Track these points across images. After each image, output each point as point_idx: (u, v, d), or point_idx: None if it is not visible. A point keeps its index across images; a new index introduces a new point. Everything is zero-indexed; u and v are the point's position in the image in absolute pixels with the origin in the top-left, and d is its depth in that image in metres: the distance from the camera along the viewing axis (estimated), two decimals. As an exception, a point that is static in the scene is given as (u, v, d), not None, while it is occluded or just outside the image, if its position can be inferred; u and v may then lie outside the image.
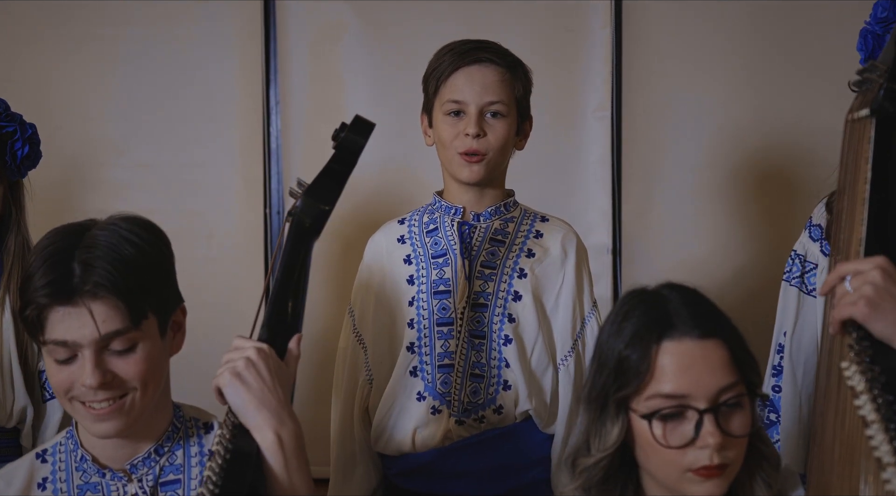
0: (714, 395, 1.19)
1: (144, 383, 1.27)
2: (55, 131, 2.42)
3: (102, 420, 1.26)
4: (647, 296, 1.26)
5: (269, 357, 1.22)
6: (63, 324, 1.24)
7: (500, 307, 1.75)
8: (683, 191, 2.46)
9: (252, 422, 1.21)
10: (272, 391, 1.20)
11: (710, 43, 2.45)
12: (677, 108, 2.45)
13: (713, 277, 2.42)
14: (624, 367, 1.21)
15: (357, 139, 1.31)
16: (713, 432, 1.18)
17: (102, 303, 1.23)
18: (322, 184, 1.29)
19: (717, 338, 1.21)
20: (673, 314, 1.21)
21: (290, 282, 1.26)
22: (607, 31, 2.42)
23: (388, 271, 1.80)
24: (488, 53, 1.76)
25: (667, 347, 1.20)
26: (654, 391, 1.20)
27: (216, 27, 2.45)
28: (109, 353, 1.26)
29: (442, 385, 1.74)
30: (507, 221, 1.80)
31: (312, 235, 1.28)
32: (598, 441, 1.23)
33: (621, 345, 1.22)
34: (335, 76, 2.45)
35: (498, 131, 1.74)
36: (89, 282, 1.22)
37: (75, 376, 1.26)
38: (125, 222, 1.28)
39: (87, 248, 1.24)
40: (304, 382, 2.43)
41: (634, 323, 1.22)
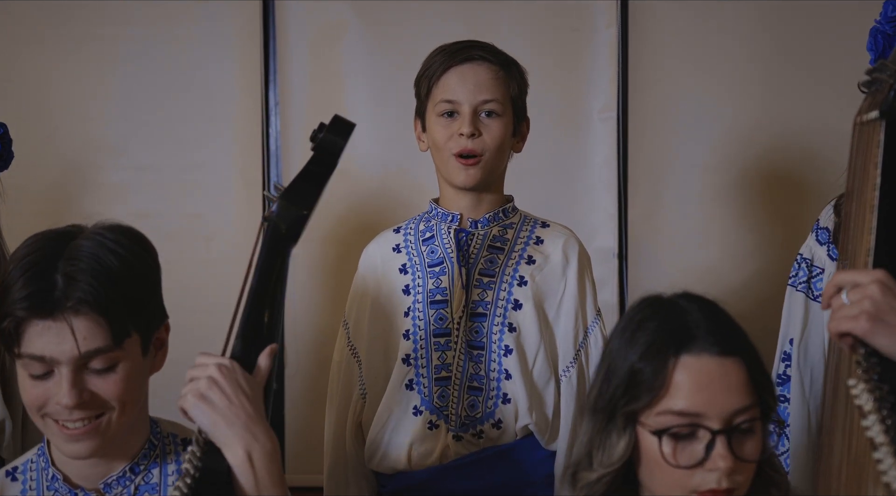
0: (729, 417, 1.15)
1: (122, 403, 1.22)
2: (53, 132, 2.41)
3: (76, 440, 1.21)
4: (664, 305, 1.20)
5: (232, 372, 1.16)
6: (41, 338, 1.18)
7: (500, 316, 1.70)
8: (691, 193, 2.42)
9: (221, 440, 1.16)
10: (240, 407, 1.14)
11: (719, 42, 2.41)
12: (685, 108, 2.41)
13: (722, 282, 2.38)
14: (637, 380, 1.16)
15: (336, 140, 1.25)
16: (725, 455, 1.13)
17: (84, 320, 1.18)
18: (299, 187, 1.23)
19: (737, 357, 1.16)
20: (693, 327, 1.16)
21: (265, 292, 1.21)
22: (613, 31, 2.38)
23: (384, 282, 1.76)
24: (481, 51, 1.71)
25: (684, 362, 1.15)
26: (667, 407, 1.15)
27: (215, 27, 2.42)
28: (88, 372, 1.21)
29: (439, 398, 1.69)
30: (506, 228, 1.75)
31: (289, 241, 1.23)
32: (603, 454, 1.19)
33: (635, 357, 1.17)
34: (335, 76, 2.42)
35: (493, 131, 1.69)
36: (72, 297, 1.17)
37: (50, 393, 1.20)
38: (111, 232, 1.23)
39: (71, 260, 1.18)
40: (300, 390, 2.41)
41: (650, 333, 1.17)
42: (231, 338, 1.20)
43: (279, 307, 1.22)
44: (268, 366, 1.20)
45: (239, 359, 1.19)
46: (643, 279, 2.41)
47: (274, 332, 1.22)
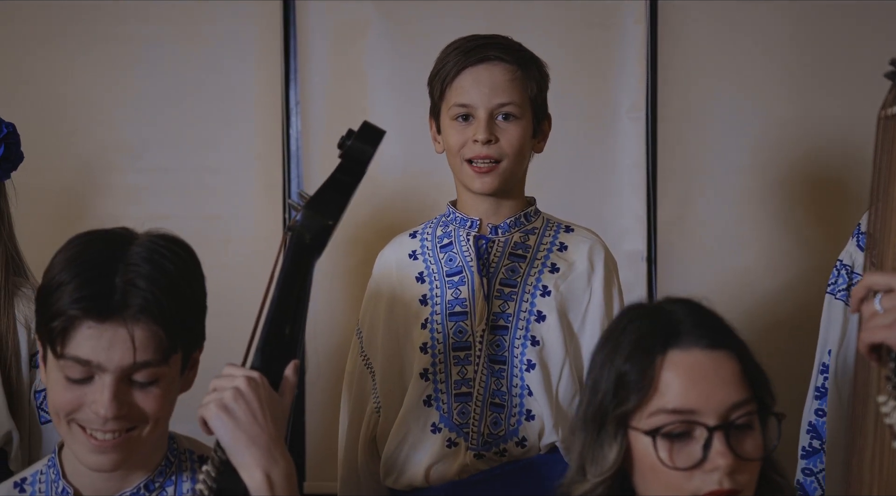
0: (725, 412, 1.10)
1: (156, 420, 1.19)
2: (71, 133, 2.38)
3: (102, 451, 1.17)
4: (647, 309, 1.17)
5: (260, 387, 1.11)
6: (90, 342, 1.14)
7: (522, 329, 1.62)
8: (723, 195, 2.37)
9: (240, 460, 1.10)
10: (262, 426, 1.10)
11: (752, 39, 2.35)
12: (717, 107, 2.35)
13: (757, 287, 2.33)
14: (623, 382, 1.11)
15: (365, 148, 1.21)
16: (724, 452, 1.08)
17: (142, 329, 1.14)
18: (325, 196, 1.19)
19: (727, 349, 1.12)
20: (678, 323, 1.12)
21: (288, 304, 1.16)
22: (642, 27, 2.33)
23: (399, 290, 1.68)
24: (496, 50, 1.63)
25: (672, 358, 1.10)
26: (659, 406, 1.10)
27: (234, 26, 2.38)
28: (129, 383, 1.17)
29: (459, 415, 1.62)
30: (528, 233, 1.67)
31: (313, 252, 1.18)
32: (595, 466, 1.13)
33: (620, 360, 1.12)
34: (357, 76, 2.38)
35: (511, 135, 1.61)
36: (133, 303, 1.13)
37: (86, 400, 1.16)
38: (167, 241, 1.19)
39: (132, 265, 1.15)
40: (321, 397, 2.38)
41: (634, 334, 1.13)
42: (250, 351, 1.16)
43: (301, 321, 1.18)
44: (294, 384, 1.16)
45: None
46: (673, 283, 2.37)
47: (294, 347, 1.17)
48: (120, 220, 2.38)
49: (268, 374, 1.15)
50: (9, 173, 1.72)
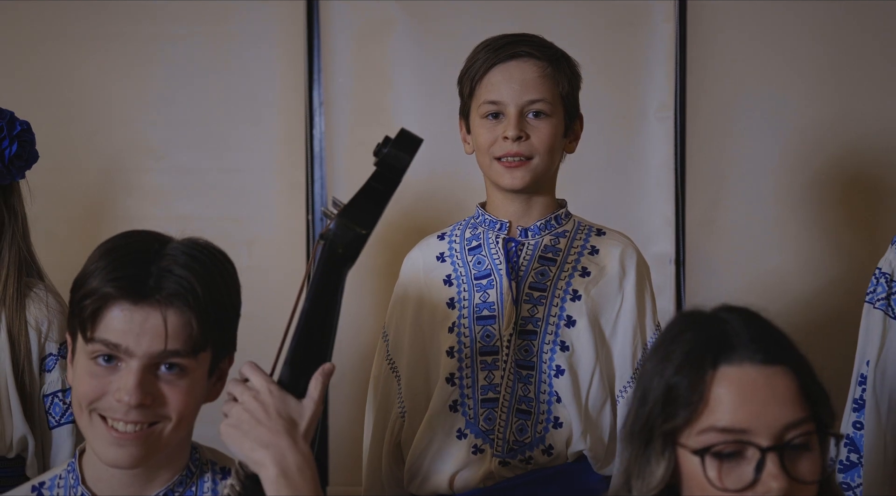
0: (779, 432, 1.04)
1: (180, 417, 1.18)
2: (93, 134, 2.37)
3: (121, 445, 1.16)
4: (701, 317, 1.11)
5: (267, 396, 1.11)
6: (122, 325, 1.14)
7: (551, 334, 1.58)
8: (755, 197, 2.33)
9: (255, 463, 1.11)
10: (268, 426, 1.10)
11: (783, 37, 2.32)
12: (747, 107, 2.32)
13: (790, 294, 2.30)
14: (672, 396, 1.07)
15: (402, 156, 1.18)
16: (777, 475, 1.02)
17: (175, 315, 1.14)
18: (360, 205, 1.16)
19: (784, 365, 1.06)
20: (732, 336, 1.07)
21: (318, 315, 1.14)
22: (671, 26, 2.30)
23: (426, 293, 1.64)
24: (527, 47, 1.60)
25: (724, 373, 1.06)
26: (709, 424, 1.05)
27: (258, 26, 2.37)
28: (155, 374, 1.16)
29: (485, 421, 1.58)
30: (559, 236, 1.64)
31: (346, 263, 1.16)
32: (641, 482, 1.08)
33: (670, 372, 1.07)
34: (382, 76, 2.36)
35: (542, 133, 1.59)
36: (169, 287, 1.14)
37: (109, 388, 1.15)
38: (208, 246, 1.21)
39: (170, 257, 1.16)
40: (345, 400, 2.36)
41: (685, 345, 1.08)
42: (278, 364, 1.15)
43: (331, 333, 1.16)
44: (320, 390, 1.14)
45: (286, 386, 1.13)
46: (702, 287, 2.33)
47: (324, 360, 1.15)
48: (142, 221, 2.41)
49: (296, 387, 1.13)
50: (22, 172, 1.70)
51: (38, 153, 1.73)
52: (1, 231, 1.67)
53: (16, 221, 1.68)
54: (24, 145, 1.68)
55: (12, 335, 1.64)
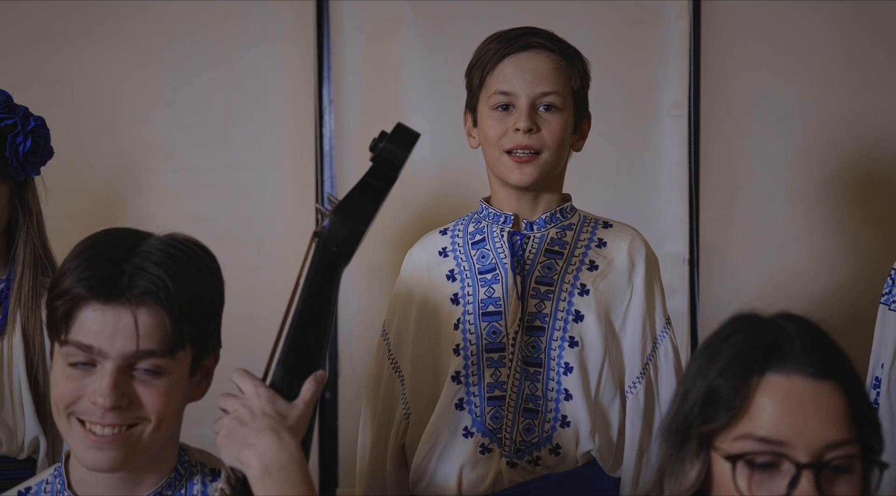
0: (820, 450, 1.00)
1: (160, 419, 1.14)
2: (102, 133, 2.35)
3: (100, 448, 1.13)
4: (756, 320, 1.07)
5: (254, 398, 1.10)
6: (94, 326, 1.11)
7: (560, 330, 1.54)
8: (769, 195, 2.30)
9: (241, 464, 1.08)
10: (251, 427, 1.08)
11: (799, 34, 2.29)
12: (762, 105, 2.29)
13: (805, 293, 2.27)
14: (714, 398, 1.03)
15: (398, 151, 1.16)
16: (811, 494, 0.98)
17: (147, 314, 1.11)
18: (355, 201, 1.14)
19: (835, 381, 1.02)
20: (785, 344, 1.03)
21: (312, 314, 1.11)
22: (684, 23, 2.28)
23: (429, 289, 1.60)
24: (540, 38, 1.57)
25: (771, 381, 1.02)
26: (747, 431, 1.01)
27: (267, 23, 2.35)
28: (131, 375, 1.13)
29: (492, 420, 1.54)
30: (565, 230, 1.60)
31: (341, 261, 1.13)
32: (673, 482, 1.05)
33: (714, 372, 1.04)
34: (391, 74, 2.34)
35: (553, 126, 1.54)
36: (140, 285, 1.11)
37: (85, 390, 1.12)
38: (188, 241, 1.18)
39: (144, 254, 1.13)
40: (354, 399, 2.32)
41: (734, 347, 1.04)
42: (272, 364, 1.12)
43: (326, 333, 1.13)
44: (312, 393, 1.12)
45: (279, 388, 1.11)
46: (716, 287, 2.31)
47: (319, 360, 1.12)
48: (152, 220, 2.38)
49: (290, 389, 1.11)
50: (37, 168, 1.68)
51: (52, 149, 1.70)
52: (16, 228, 1.65)
53: (31, 219, 1.66)
54: (39, 141, 1.65)
55: (27, 334, 1.63)
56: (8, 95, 1.66)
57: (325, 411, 2.39)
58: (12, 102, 1.66)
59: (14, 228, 1.66)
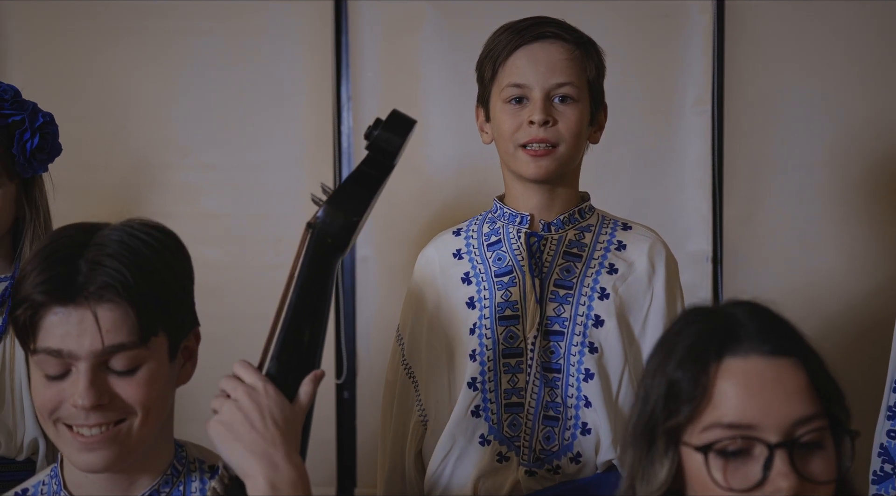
0: (789, 428, 0.98)
1: (146, 410, 1.11)
2: (120, 131, 2.34)
3: (90, 449, 1.10)
4: (706, 311, 1.07)
5: (262, 396, 1.06)
6: (59, 329, 1.08)
7: (579, 335, 1.49)
8: (794, 193, 2.26)
9: (242, 471, 1.05)
10: (261, 433, 1.04)
11: (825, 28, 2.25)
12: (787, 100, 2.25)
13: (833, 293, 2.23)
14: (674, 391, 1.01)
15: (392, 138, 1.13)
16: (787, 473, 0.96)
17: (109, 309, 1.08)
18: (349, 190, 1.11)
19: (793, 356, 1.00)
20: (737, 327, 1.01)
21: (307, 308, 1.08)
22: (708, 17, 2.24)
23: (443, 293, 1.55)
24: (553, 28, 1.52)
25: (729, 365, 1.00)
26: (713, 420, 0.99)
27: (284, 20, 2.33)
28: (108, 372, 1.10)
29: (510, 427, 1.50)
30: (583, 231, 1.54)
31: (335, 253, 1.10)
32: (645, 485, 1.02)
33: (672, 366, 1.01)
34: (410, 71, 2.32)
35: (569, 118, 1.49)
36: (96, 281, 1.08)
37: (65, 395, 1.10)
38: (142, 225, 1.15)
39: (98, 246, 1.10)
40: (373, 397, 2.30)
41: (688, 339, 1.03)
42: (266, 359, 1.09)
43: (322, 326, 1.10)
44: (309, 397, 1.09)
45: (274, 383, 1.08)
46: (740, 285, 2.26)
47: (314, 355, 1.09)
48: (170, 217, 2.36)
49: (284, 384, 1.08)
50: (45, 165, 1.64)
51: (61, 146, 1.68)
52: (22, 226, 1.63)
53: (38, 216, 1.64)
54: (47, 138, 1.62)
55: None
56: (17, 90, 1.63)
57: (343, 410, 2.39)
58: (21, 98, 1.63)
59: (21, 226, 1.64)
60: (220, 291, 2.31)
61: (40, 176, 1.66)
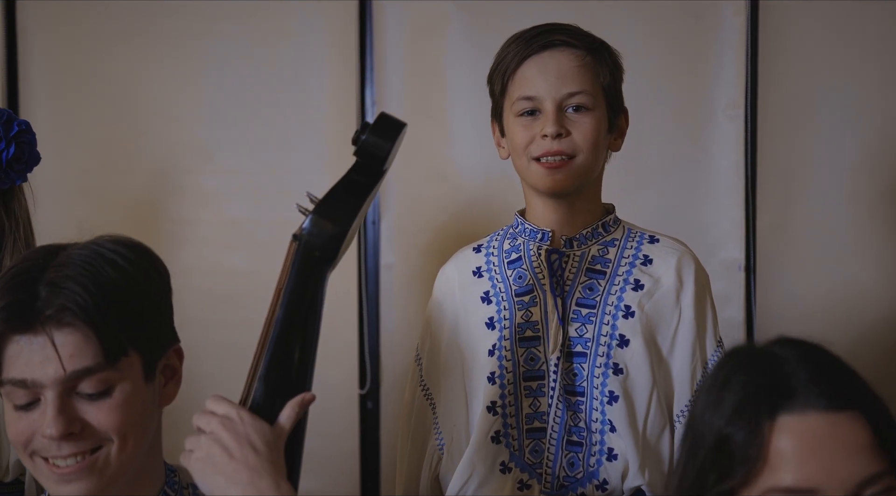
0: (853, 489, 0.92)
1: (123, 436, 1.07)
2: (142, 135, 2.32)
3: (68, 480, 1.06)
4: (754, 355, 1.00)
5: (237, 423, 1.02)
6: (21, 358, 1.04)
7: (603, 356, 1.43)
8: (832, 199, 2.20)
9: None
10: (241, 460, 1.00)
11: (863, 29, 2.18)
12: (824, 104, 2.19)
13: (871, 303, 2.17)
14: (726, 451, 0.95)
15: (381, 143, 1.09)
16: None
17: (69, 333, 1.04)
18: (337, 199, 1.07)
19: (854, 409, 0.94)
20: (790, 377, 0.95)
21: (294, 325, 1.04)
22: (741, 19, 2.19)
23: (462, 312, 1.50)
24: (561, 35, 1.46)
25: (785, 424, 0.94)
26: (772, 484, 0.93)
27: (308, 25, 2.30)
28: (79, 397, 1.06)
29: (531, 454, 1.45)
30: (607, 246, 1.48)
31: (323, 266, 1.05)
32: None
33: (721, 421, 0.95)
34: (436, 75, 2.28)
35: (584, 128, 1.44)
36: (53, 304, 1.04)
37: (36, 426, 1.06)
38: (110, 243, 1.10)
39: (58, 267, 1.06)
40: (396, 408, 2.27)
41: (738, 390, 0.96)
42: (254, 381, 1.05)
43: (311, 345, 1.05)
44: (291, 420, 1.04)
45: (260, 407, 1.04)
46: (774, 295, 2.21)
47: (304, 376, 1.05)
48: (192, 223, 2.41)
49: (271, 407, 1.04)
50: (23, 175, 1.60)
51: (39, 155, 1.62)
52: (2, 239, 1.58)
53: (17, 228, 1.59)
54: (23, 147, 1.58)
55: None
56: None
57: (367, 421, 2.38)
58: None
59: (0, 239, 1.59)
60: (242, 298, 2.30)
61: (19, 187, 1.61)
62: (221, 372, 2.12)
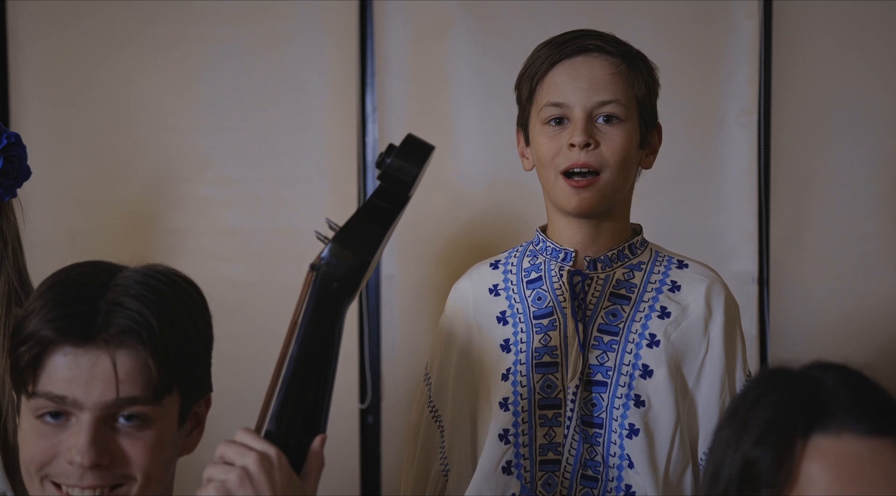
0: None
1: (148, 477, 1.03)
2: (136, 143, 2.28)
3: None
4: (788, 376, 0.94)
5: (275, 469, 0.97)
6: (64, 373, 1.00)
7: (624, 386, 1.36)
8: (848, 209, 2.17)
9: None
10: None
11: (880, 33, 2.15)
12: (839, 111, 2.16)
13: (889, 316, 2.13)
14: (752, 473, 0.89)
15: (407, 167, 1.04)
16: None
17: (127, 355, 1.01)
18: (359, 227, 1.02)
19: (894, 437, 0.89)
20: (828, 398, 0.91)
21: (311, 362, 0.99)
22: (754, 23, 2.16)
23: (476, 331, 1.43)
24: (597, 40, 1.39)
25: (818, 445, 0.89)
26: None
27: (307, 27, 2.26)
28: (113, 427, 1.02)
29: (544, 487, 1.39)
30: (633, 269, 1.42)
31: (342, 299, 0.99)
32: None
33: (749, 443, 0.89)
34: (439, 79, 2.24)
35: (614, 140, 1.37)
36: (117, 323, 1.00)
37: (61, 448, 1.01)
38: (168, 271, 1.08)
39: (120, 288, 1.02)
40: (399, 424, 2.20)
41: (769, 410, 0.91)
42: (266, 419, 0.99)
43: (327, 383, 1.00)
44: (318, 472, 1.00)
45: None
46: (788, 307, 2.17)
47: (320, 416, 0.99)
48: (188, 233, 2.38)
49: (284, 449, 0.98)
50: (12, 190, 1.54)
51: (29, 169, 1.56)
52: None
53: (5, 247, 1.53)
54: (13, 161, 1.52)
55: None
56: None
57: (367, 436, 2.36)
58: None
59: None
60: (240, 310, 2.27)
61: (8, 203, 1.55)
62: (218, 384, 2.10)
